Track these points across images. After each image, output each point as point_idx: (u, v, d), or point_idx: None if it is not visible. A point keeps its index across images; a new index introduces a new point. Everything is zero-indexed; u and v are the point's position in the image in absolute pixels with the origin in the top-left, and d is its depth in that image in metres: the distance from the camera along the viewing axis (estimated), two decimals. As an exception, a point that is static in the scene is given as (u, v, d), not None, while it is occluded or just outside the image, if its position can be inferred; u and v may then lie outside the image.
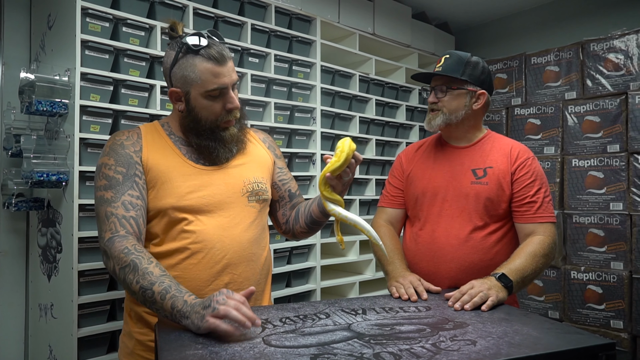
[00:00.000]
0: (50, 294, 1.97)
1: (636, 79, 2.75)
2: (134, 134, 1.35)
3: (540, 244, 1.53)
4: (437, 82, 1.65)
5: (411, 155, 1.80)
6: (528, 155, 1.64)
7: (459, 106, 1.62)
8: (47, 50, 2.07)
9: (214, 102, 1.31)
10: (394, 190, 1.79)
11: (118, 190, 1.26)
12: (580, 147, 2.93)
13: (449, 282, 1.58)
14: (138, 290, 1.14)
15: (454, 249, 1.59)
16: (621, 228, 2.70)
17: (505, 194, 1.59)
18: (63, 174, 1.84)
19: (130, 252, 1.18)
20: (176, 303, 1.08)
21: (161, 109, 2.07)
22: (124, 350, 1.37)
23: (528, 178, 1.60)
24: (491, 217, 1.60)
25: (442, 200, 1.64)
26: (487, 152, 1.66)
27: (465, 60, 1.62)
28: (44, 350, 2.01)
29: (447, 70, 1.61)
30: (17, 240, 2.19)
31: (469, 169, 1.64)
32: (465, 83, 1.62)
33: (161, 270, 1.16)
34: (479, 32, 3.87)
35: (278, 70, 2.55)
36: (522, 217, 1.60)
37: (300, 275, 2.64)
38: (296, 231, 1.54)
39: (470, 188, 1.61)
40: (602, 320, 2.72)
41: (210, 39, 1.31)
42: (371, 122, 3.09)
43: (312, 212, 1.47)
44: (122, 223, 1.24)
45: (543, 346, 0.98)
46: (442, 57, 1.65)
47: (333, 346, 0.99)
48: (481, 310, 1.28)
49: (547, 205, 1.60)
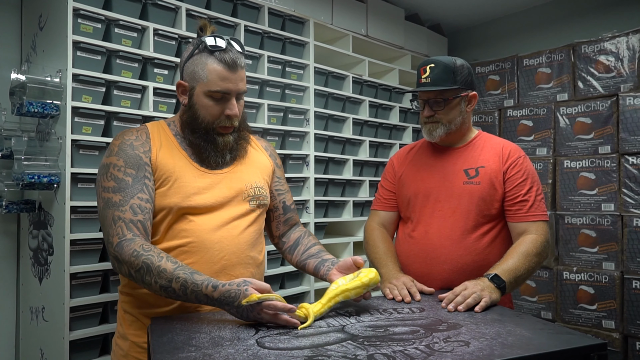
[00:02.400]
0: (41, 296, 1.96)
1: (627, 81, 2.78)
2: (143, 134, 1.35)
3: (532, 243, 1.53)
4: (429, 95, 1.62)
5: (403, 157, 1.80)
6: (519, 154, 1.65)
7: (456, 114, 1.63)
8: (38, 51, 2.06)
9: (215, 104, 1.33)
10: (386, 193, 1.80)
11: (127, 194, 1.26)
12: (572, 148, 2.95)
13: (442, 283, 1.58)
14: (159, 289, 1.17)
15: (447, 250, 1.59)
16: (612, 229, 2.72)
17: (498, 193, 1.60)
18: (54, 175, 1.83)
19: (140, 254, 1.19)
20: (199, 296, 1.15)
21: (154, 111, 2.06)
22: (117, 352, 1.37)
23: (520, 177, 1.61)
24: (484, 217, 1.60)
25: (435, 201, 1.64)
26: (478, 151, 1.66)
27: (453, 67, 1.59)
28: (35, 353, 1.99)
29: (438, 82, 1.58)
30: (8, 243, 2.17)
31: (461, 169, 1.64)
32: (459, 90, 1.61)
33: (173, 263, 1.18)
34: (471, 34, 3.89)
35: (271, 71, 2.55)
36: (515, 216, 1.60)
37: (294, 277, 2.64)
38: (286, 258, 1.59)
39: (463, 188, 1.61)
40: (594, 320, 2.74)
41: (229, 44, 1.33)
42: (364, 124, 3.10)
43: (307, 269, 1.50)
44: (129, 227, 1.24)
45: (536, 347, 0.99)
46: (426, 67, 1.61)
47: (327, 348, 0.99)
48: (474, 311, 1.29)
49: (539, 204, 1.61)
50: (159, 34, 2.11)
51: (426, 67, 1.61)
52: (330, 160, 2.86)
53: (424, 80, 1.61)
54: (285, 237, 1.58)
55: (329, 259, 1.45)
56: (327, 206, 2.83)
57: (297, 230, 1.59)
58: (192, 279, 1.15)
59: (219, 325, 1.13)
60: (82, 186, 1.86)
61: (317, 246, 1.53)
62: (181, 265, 1.19)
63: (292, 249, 1.55)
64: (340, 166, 2.94)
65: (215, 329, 1.11)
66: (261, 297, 1.07)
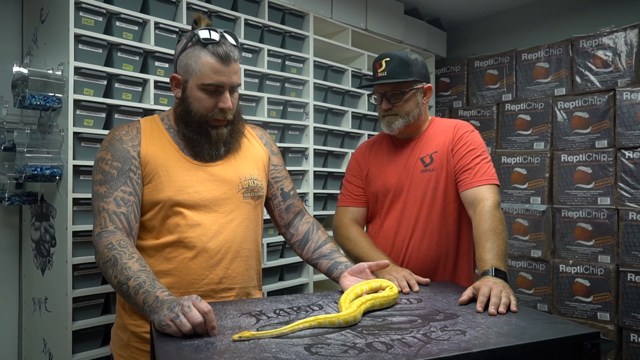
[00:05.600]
0: (44, 287, 1.98)
1: (624, 76, 2.80)
2: (134, 128, 1.37)
3: (489, 214, 1.47)
4: (385, 88, 1.64)
5: (366, 153, 1.81)
6: (467, 129, 1.67)
7: (413, 106, 1.65)
8: (39, 44, 2.07)
9: (208, 97, 1.33)
10: (356, 189, 1.80)
11: (112, 186, 1.28)
12: (569, 142, 2.97)
13: (415, 273, 1.56)
14: (116, 284, 1.16)
15: (416, 242, 1.63)
16: (608, 222, 2.75)
17: (451, 173, 1.63)
18: (57, 168, 1.85)
19: (113, 247, 1.19)
20: (148, 298, 1.08)
21: (155, 104, 2.07)
22: (117, 343, 1.38)
23: (466, 148, 1.62)
24: (453, 202, 1.63)
25: (400, 195, 1.67)
26: (431, 137, 1.69)
27: (408, 60, 1.61)
28: (38, 343, 2.02)
29: (394, 74, 1.60)
30: (11, 235, 2.18)
31: (418, 158, 1.67)
32: (415, 83, 1.63)
33: (140, 266, 1.16)
34: (470, 29, 3.90)
35: (271, 65, 2.56)
36: (463, 184, 1.59)
37: (293, 269, 2.66)
38: (296, 252, 1.58)
39: (421, 177, 1.65)
40: (589, 312, 2.78)
41: (222, 37, 1.32)
42: (363, 117, 3.11)
43: (319, 268, 1.50)
44: (112, 219, 1.25)
45: (530, 335, 1.01)
46: (382, 61, 1.62)
47: (326, 337, 1.01)
48: (511, 311, 1.20)
49: (486, 170, 1.59)
50: (160, 28, 2.12)
51: (382, 61, 1.63)
52: (329, 153, 2.88)
53: (380, 74, 1.62)
54: (293, 229, 1.56)
55: (342, 262, 1.45)
56: (326, 199, 2.86)
57: (304, 222, 1.57)
58: (152, 282, 1.12)
59: (220, 315, 1.15)
60: (84, 178, 1.88)
61: (329, 245, 1.52)
62: (148, 270, 1.16)
63: (302, 244, 1.54)
64: (339, 159, 2.96)
65: (216, 318, 1.13)
66: (256, 335, 0.98)
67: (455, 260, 1.69)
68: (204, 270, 1.33)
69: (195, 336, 1.00)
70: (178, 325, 0.99)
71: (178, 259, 1.32)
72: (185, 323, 0.98)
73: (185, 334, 0.99)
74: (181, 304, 1.01)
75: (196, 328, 0.99)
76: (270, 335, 0.99)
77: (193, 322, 0.98)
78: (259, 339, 0.98)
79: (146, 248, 1.34)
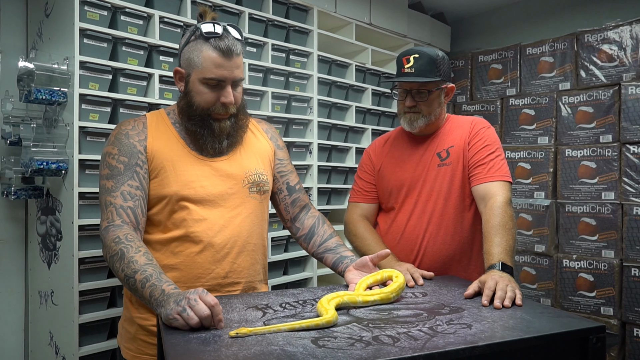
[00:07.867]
0: (50, 281, 1.99)
1: (629, 70, 2.79)
2: (140, 123, 1.37)
3: (500, 209, 1.47)
4: (412, 85, 1.62)
5: (379, 150, 1.81)
6: (484, 125, 1.67)
7: (436, 105, 1.65)
8: (44, 39, 2.07)
9: (210, 91, 1.33)
10: (366, 185, 1.80)
11: (118, 180, 1.29)
12: (573, 137, 2.97)
13: (428, 269, 1.58)
14: (123, 278, 1.17)
15: (431, 236, 1.63)
16: (612, 217, 2.75)
17: (466, 167, 1.63)
18: (62, 162, 1.85)
19: (120, 241, 1.20)
20: (154, 292, 1.09)
21: (160, 98, 2.07)
22: (125, 336, 1.39)
23: (481, 144, 1.62)
24: (470, 196, 1.62)
25: (415, 189, 1.67)
26: (447, 133, 1.69)
27: (437, 59, 1.60)
28: (45, 336, 2.03)
29: (423, 72, 1.58)
30: (16, 229, 2.20)
31: (434, 153, 1.67)
32: (442, 82, 1.63)
33: (147, 259, 1.17)
34: (474, 23, 3.88)
35: (275, 59, 2.56)
36: (476, 179, 1.59)
37: (297, 263, 2.67)
38: (302, 246, 1.58)
39: (437, 172, 1.65)
40: (592, 307, 2.78)
41: (225, 31, 1.32)
42: (367, 112, 3.11)
43: (325, 262, 1.50)
44: (119, 212, 1.26)
45: (536, 329, 1.02)
46: (409, 57, 1.60)
47: (333, 330, 1.02)
48: (516, 304, 1.21)
49: (500, 166, 1.59)
50: (165, 22, 2.12)
51: (409, 57, 1.60)
52: (334, 148, 2.88)
53: (407, 70, 1.60)
54: (299, 223, 1.56)
55: (348, 256, 1.45)
56: (330, 194, 2.86)
57: (310, 216, 1.57)
58: (158, 275, 1.13)
59: (227, 309, 1.16)
60: (89, 172, 1.88)
61: (334, 239, 1.52)
62: (155, 264, 1.17)
63: (308, 238, 1.55)
64: (343, 154, 2.96)
65: (223, 311, 1.14)
66: (253, 332, 0.98)
67: (470, 255, 1.68)
68: (210, 264, 1.34)
69: (202, 329, 1.01)
70: (185, 319, 0.99)
71: (184, 253, 1.33)
72: (192, 316, 0.99)
73: (192, 327, 1.00)
74: (188, 297, 1.02)
75: (203, 321, 0.99)
76: (268, 331, 0.99)
77: (200, 315, 0.99)
78: (256, 335, 0.98)
79: (153, 242, 1.35)
